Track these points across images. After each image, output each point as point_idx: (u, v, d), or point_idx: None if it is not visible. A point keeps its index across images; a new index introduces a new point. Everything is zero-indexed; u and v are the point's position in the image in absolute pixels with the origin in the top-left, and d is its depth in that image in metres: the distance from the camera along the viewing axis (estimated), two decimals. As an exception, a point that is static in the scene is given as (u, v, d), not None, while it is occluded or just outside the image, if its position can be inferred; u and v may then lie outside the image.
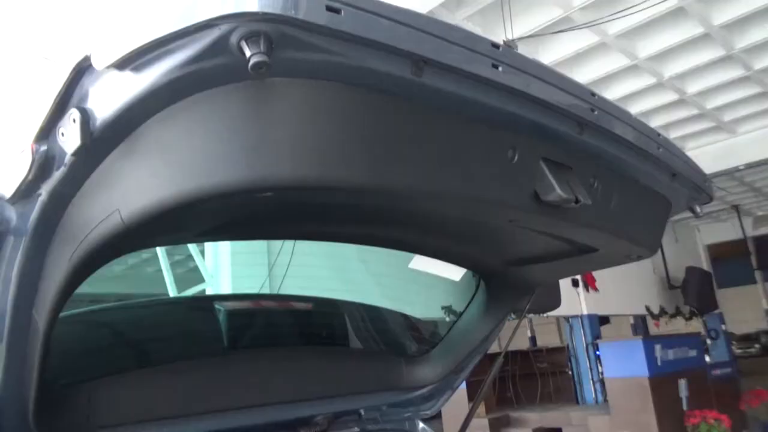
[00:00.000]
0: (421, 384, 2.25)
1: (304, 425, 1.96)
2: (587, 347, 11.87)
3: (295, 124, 0.87)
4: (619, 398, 9.14)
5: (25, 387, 1.24)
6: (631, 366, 9.03)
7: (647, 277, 14.57)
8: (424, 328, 2.38)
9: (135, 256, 12.71)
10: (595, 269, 1.96)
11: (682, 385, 9.29)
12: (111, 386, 1.55)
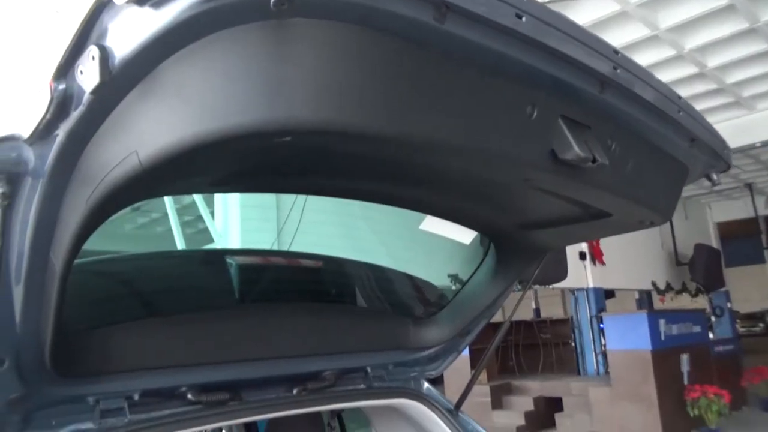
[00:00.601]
0: (427, 345, 2.27)
1: (312, 380, 1.99)
2: (591, 320, 11.94)
3: (316, 66, 0.86)
4: (620, 370, 9.23)
5: (42, 329, 1.26)
6: (634, 339, 9.09)
7: (655, 253, 14.54)
8: (432, 291, 2.40)
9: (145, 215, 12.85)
10: (607, 235, 1.95)
11: (684, 359, 9.36)
12: (125, 333, 1.58)
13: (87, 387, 1.51)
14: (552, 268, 2.60)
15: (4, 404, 1.36)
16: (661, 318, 9.45)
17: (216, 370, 1.74)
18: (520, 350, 13.09)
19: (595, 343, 11.83)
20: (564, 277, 2.58)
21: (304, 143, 0.99)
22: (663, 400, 8.75)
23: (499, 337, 2.35)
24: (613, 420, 9.09)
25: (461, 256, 2.32)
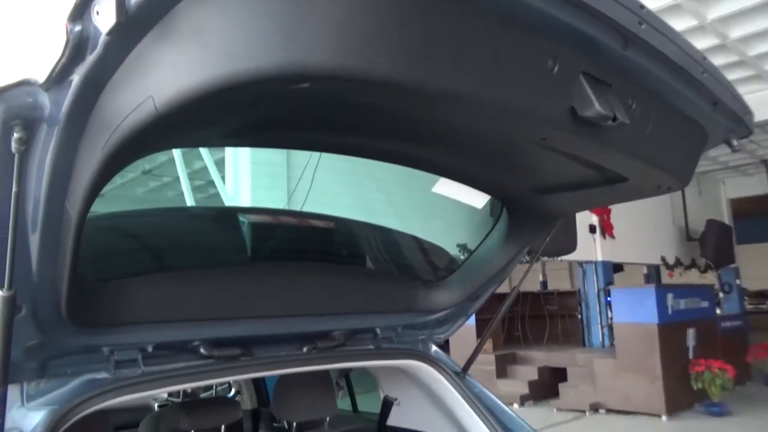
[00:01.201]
0: (436, 308, 2.28)
1: (322, 339, 2.02)
2: (599, 293, 11.96)
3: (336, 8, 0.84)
4: (626, 343, 9.29)
5: (58, 278, 1.28)
6: (641, 312, 9.12)
7: (665, 228, 14.46)
8: (443, 255, 2.40)
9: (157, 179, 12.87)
10: (622, 201, 1.92)
11: (690, 334, 9.40)
12: (139, 286, 1.60)
13: (102, 338, 1.53)
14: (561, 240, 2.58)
15: (22, 351, 1.38)
16: (669, 292, 9.46)
17: (228, 326, 1.76)
18: (526, 321, 13.17)
19: (602, 315, 11.87)
20: (573, 249, 2.56)
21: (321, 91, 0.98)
22: (667, 373, 8.82)
23: (505, 306, 2.36)
24: (616, 391, 9.19)
25: (473, 221, 2.32)
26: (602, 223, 12.18)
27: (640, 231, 13.19)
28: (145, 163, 12.49)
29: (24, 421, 1.37)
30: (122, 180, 12.57)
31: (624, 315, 9.44)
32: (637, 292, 9.66)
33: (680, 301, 9.56)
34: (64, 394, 1.47)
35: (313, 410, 2.51)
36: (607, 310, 11.66)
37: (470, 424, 2.23)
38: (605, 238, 12.21)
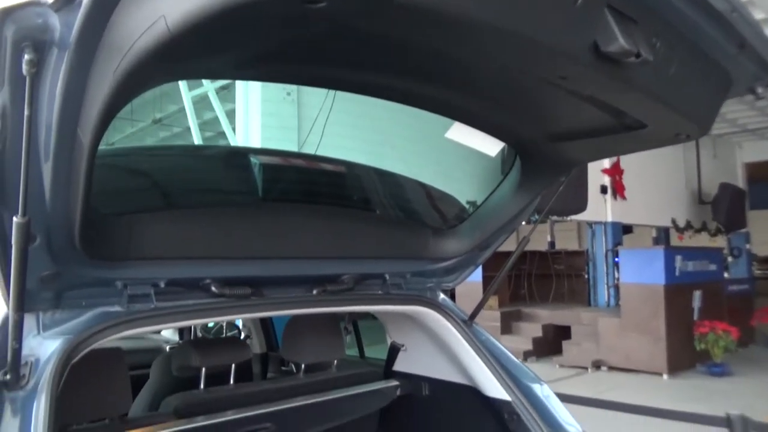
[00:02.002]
0: (446, 256, 2.29)
1: (331, 282, 2.04)
2: (607, 253, 11.97)
3: None
4: (631, 303, 9.35)
5: (71, 208, 1.28)
6: (648, 273, 9.14)
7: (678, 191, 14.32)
8: (453, 203, 2.39)
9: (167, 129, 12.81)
10: (639, 149, 1.88)
11: (697, 296, 9.43)
12: (151, 221, 1.61)
13: (115, 271, 1.55)
14: (572, 199, 2.55)
15: (37, 280, 1.40)
16: (677, 254, 9.45)
17: (238, 266, 1.78)
18: (532, 280, 13.27)
19: (608, 276, 11.92)
20: (584, 209, 2.54)
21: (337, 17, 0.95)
22: (671, 334, 8.90)
23: (514, 257, 2.36)
24: (619, 350, 9.30)
25: (485, 170, 2.30)
26: (614, 183, 12.08)
27: (652, 193, 13.08)
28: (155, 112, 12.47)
29: (40, 349, 1.40)
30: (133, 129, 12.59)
31: (631, 275, 9.47)
32: (645, 253, 9.66)
33: (688, 263, 9.56)
34: (79, 324, 1.49)
35: (321, 353, 2.56)
36: (614, 270, 11.69)
37: (476, 371, 2.27)
38: (616, 199, 12.12)
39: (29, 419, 1.26)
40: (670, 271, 9.11)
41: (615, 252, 11.66)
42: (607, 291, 11.93)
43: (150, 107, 12.49)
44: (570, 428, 2.09)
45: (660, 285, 9.01)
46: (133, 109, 12.50)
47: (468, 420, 2.45)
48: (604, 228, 12.12)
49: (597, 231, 12.25)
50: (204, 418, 2.09)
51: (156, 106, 12.20)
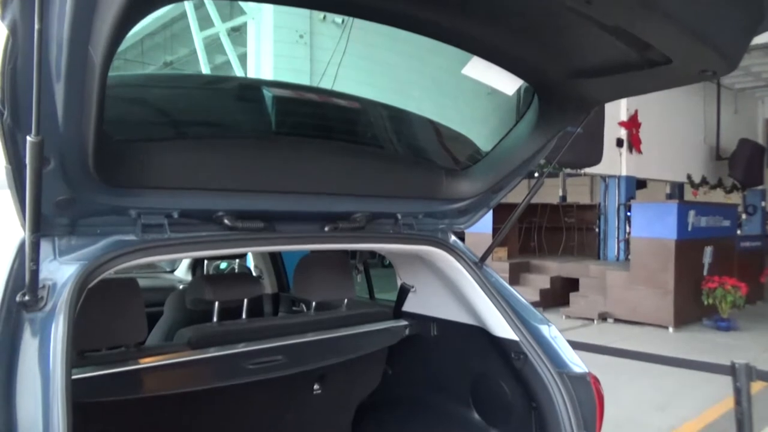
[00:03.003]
0: (459, 197, 2.27)
1: (343, 219, 2.04)
2: (619, 207, 11.91)
3: None
4: (641, 257, 9.35)
5: (84, 130, 1.28)
6: (660, 228, 9.10)
7: (695, 146, 14.09)
8: (468, 144, 2.35)
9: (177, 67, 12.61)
10: (662, 87, 1.82)
11: (708, 251, 9.41)
12: (164, 150, 1.60)
13: (129, 199, 1.56)
14: (587, 152, 2.51)
15: (52, 205, 1.41)
16: (691, 209, 9.37)
17: (251, 199, 1.78)
18: (542, 232, 13.27)
19: (620, 230, 11.90)
20: (598, 162, 2.50)
21: None
22: (679, 288, 8.94)
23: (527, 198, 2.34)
24: (626, 302, 9.38)
25: (502, 109, 2.25)
26: (630, 137, 11.90)
27: (669, 147, 12.88)
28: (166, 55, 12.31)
29: (57, 274, 1.43)
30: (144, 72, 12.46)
31: (642, 230, 9.44)
32: (658, 207, 9.59)
33: (702, 218, 9.50)
34: (94, 251, 1.51)
35: (332, 291, 2.59)
36: (626, 224, 11.66)
37: (485, 311, 2.29)
38: (631, 152, 11.97)
39: (48, 339, 1.29)
40: (682, 226, 9.06)
41: (627, 206, 11.60)
42: (617, 245, 11.94)
43: (161, 50, 12.34)
44: (576, 368, 2.12)
45: (671, 240, 8.98)
46: (144, 51, 12.37)
47: (475, 359, 2.50)
48: (618, 182, 12.01)
49: (610, 185, 12.15)
50: (217, 349, 2.15)
51: (167, 48, 12.04)
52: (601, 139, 2.70)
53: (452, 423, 2.59)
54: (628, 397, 5.36)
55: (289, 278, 4.01)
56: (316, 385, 2.81)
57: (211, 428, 2.52)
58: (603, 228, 12.22)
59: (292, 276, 2.75)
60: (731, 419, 4.21)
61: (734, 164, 13.36)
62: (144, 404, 2.22)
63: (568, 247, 13.20)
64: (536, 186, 2.27)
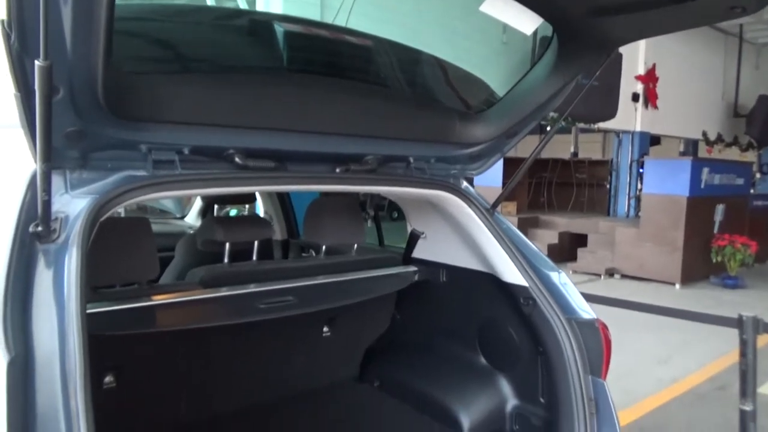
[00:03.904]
0: (472, 141, 2.24)
1: (355, 161, 2.01)
2: (631, 164, 11.78)
3: None
4: (651, 213, 9.30)
5: (92, 59, 1.25)
6: (672, 184, 9.01)
7: (713, 102, 13.79)
8: (483, 87, 2.30)
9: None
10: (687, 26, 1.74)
11: (719, 209, 9.33)
12: (174, 83, 1.57)
13: (139, 133, 1.54)
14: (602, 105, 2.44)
15: (63, 137, 1.40)
16: (705, 166, 9.25)
17: (262, 137, 1.75)
18: (552, 188, 13.19)
19: (631, 186, 11.81)
20: (613, 116, 2.44)
21: None
22: (688, 245, 8.91)
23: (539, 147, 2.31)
24: (634, 259, 9.39)
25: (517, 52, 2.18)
26: (647, 91, 11.66)
27: (685, 103, 12.62)
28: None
29: (69, 207, 1.42)
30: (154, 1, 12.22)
31: (654, 186, 9.35)
32: (672, 164, 9.46)
33: (715, 176, 9.38)
34: (105, 185, 1.51)
35: (342, 235, 2.59)
36: (637, 181, 11.56)
37: (495, 258, 2.29)
38: (647, 107, 11.75)
39: (62, 271, 1.30)
40: (695, 183, 8.96)
41: (640, 162, 11.46)
42: (628, 202, 11.87)
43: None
44: (584, 314, 2.12)
45: (683, 197, 8.90)
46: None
47: (483, 305, 2.51)
48: (631, 138, 11.84)
49: (624, 140, 11.99)
50: (228, 289, 2.17)
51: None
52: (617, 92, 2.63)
53: (459, 367, 2.63)
54: (632, 350, 5.43)
55: (299, 225, 4.03)
56: (326, 328, 2.86)
57: (223, 368, 2.58)
58: (614, 184, 12.12)
59: (302, 222, 2.75)
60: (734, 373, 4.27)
61: (752, 121, 13.09)
62: (156, 341, 2.26)
63: (578, 203, 13.14)
64: (549, 135, 2.23)
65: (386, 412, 2.70)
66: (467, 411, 2.47)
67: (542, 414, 2.29)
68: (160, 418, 2.42)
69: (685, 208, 8.87)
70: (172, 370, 2.43)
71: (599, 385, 2.01)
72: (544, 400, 2.29)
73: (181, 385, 2.47)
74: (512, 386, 2.47)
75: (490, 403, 2.48)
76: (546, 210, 12.70)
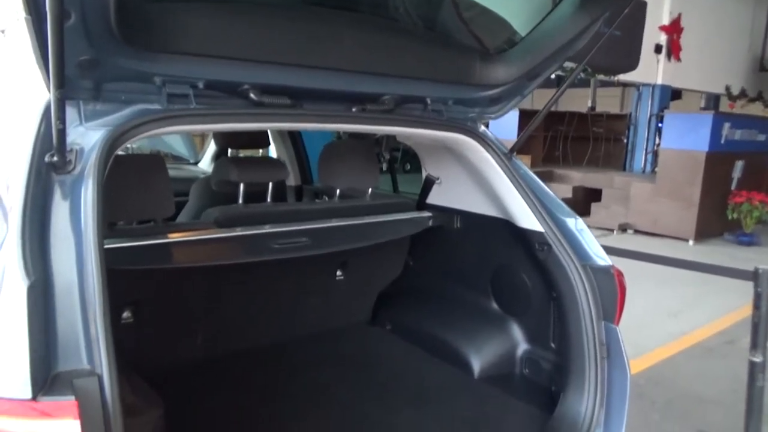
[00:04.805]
0: (492, 83, 2.18)
1: (371, 101, 1.97)
2: (650, 118, 11.53)
3: None
4: (668, 169, 9.15)
5: None
6: (691, 139, 8.82)
7: (738, 55, 13.34)
8: (504, 26, 2.21)
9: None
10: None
11: (738, 165, 9.16)
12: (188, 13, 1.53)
13: (153, 65, 1.51)
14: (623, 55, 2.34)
15: (75, 65, 1.38)
16: (726, 121, 9.02)
17: (278, 72, 1.72)
18: (568, 142, 12.97)
19: (649, 141, 11.60)
20: (634, 67, 2.35)
21: None
22: (704, 202, 8.80)
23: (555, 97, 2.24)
24: (648, 214, 9.30)
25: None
26: (670, 43, 11.28)
27: (710, 56, 12.22)
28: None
29: (84, 139, 1.41)
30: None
31: (673, 141, 9.16)
32: (692, 118, 9.23)
33: (736, 131, 9.16)
34: (120, 117, 1.49)
35: (357, 179, 2.58)
36: (656, 136, 11.34)
37: (511, 203, 2.27)
38: (670, 60, 11.40)
39: (79, 202, 1.29)
40: (715, 138, 8.77)
41: (659, 117, 11.21)
42: (645, 157, 11.68)
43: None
44: (600, 261, 2.11)
45: (702, 152, 8.73)
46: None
47: (497, 251, 2.51)
48: (652, 91, 11.54)
49: (644, 93, 11.69)
50: (242, 229, 2.18)
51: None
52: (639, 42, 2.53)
53: (471, 312, 2.65)
54: (642, 304, 5.44)
55: (313, 171, 4.01)
56: (339, 272, 2.88)
57: (238, 308, 2.62)
58: (632, 139, 11.90)
59: (317, 166, 2.72)
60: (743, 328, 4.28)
61: (778, 76, 12.69)
62: (172, 279, 2.29)
63: (593, 157, 12.94)
64: (568, 82, 2.15)
65: (397, 354, 2.75)
66: (478, 354, 2.50)
67: (552, 358, 2.32)
68: (176, 355, 2.48)
69: (703, 164, 8.71)
70: (188, 309, 2.47)
71: (612, 331, 2.02)
72: (555, 345, 2.31)
73: (197, 324, 2.52)
74: (523, 331, 2.50)
75: (501, 347, 2.51)
76: (561, 164, 12.53)
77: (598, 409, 1.95)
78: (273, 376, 2.48)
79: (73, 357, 1.10)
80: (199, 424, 2.09)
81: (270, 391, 2.36)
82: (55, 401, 1.01)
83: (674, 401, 3.73)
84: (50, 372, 1.06)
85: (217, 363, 2.51)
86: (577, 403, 1.99)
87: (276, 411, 2.21)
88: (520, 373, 2.47)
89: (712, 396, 3.83)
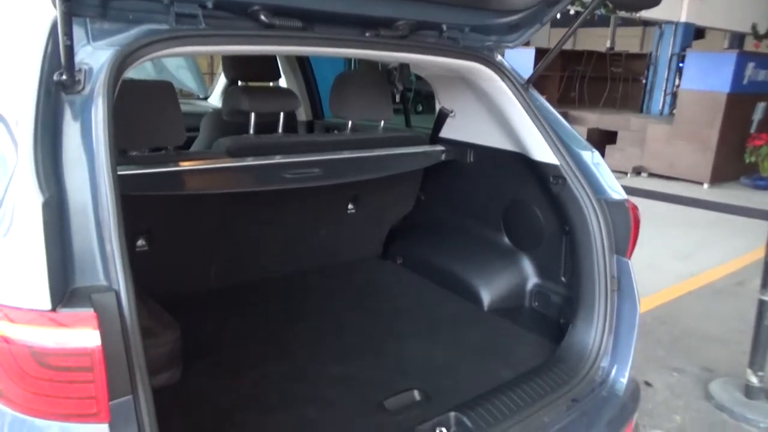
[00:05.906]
0: (510, 8, 2.09)
1: (385, 26, 1.91)
2: (671, 57, 11.16)
3: None
4: (687, 111, 8.93)
5: None
6: (713, 80, 8.55)
7: (767, -8, 12.73)
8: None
9: None
10: None
11: (760, 107, 8.92)
12: None
13: None
14: None
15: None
16: (750, 61, 8.71)
17: None
18: (585, 82, 12.65)
19: (668, 82, 11.27)
20: (657, 3, 2.23)
21: None
22: (721, 145, 8.63)
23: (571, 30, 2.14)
24: (663, 157, 9.16)
25: None
26: (697, -23, 10.78)
27: (738, -9, 11.68)
28: None
29: (92, 58, 1.38)
30: None
31: (693, 82, 8.89)
32: (715, 57, 8.91)
33: (760, 71, 8.85)
34: (127, 37, 1.45)
35: (369, 110, 2.53)
36: (676, 77, 11.01)
37: (526, 136, 2.23)
38: (695, -4, 10.92)
39: (89, 122, 1.28)
40: (737, 79, 8.49)
41: (681, 57, 10.84)
42: (663, 98, 11.39)
43: None
44: (615, 194, 2.08)
45: (723, 93, 8.48)
46: None
47: (511, 185, 2.49)
48: (674, 29, 11.12)
49: (666, 32, 11.27)
50: (254, 158, 2.16)
51: None
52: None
53: (482, 247, 2.66)
54: (654, 245, 5.43)
55: (324, 107, 3.95)
56: (350, 205, 2.88)
57: (250, 239, 2.64)
58: (651, 79, 11.56)
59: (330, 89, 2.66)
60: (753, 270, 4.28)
61: (808, 14, 12.13)
62: (184, 207, 2.30)
63: (610, 98, 12.64)
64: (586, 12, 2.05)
65: (408, 286, 2.78)
66: (488, 287, 2.53)
67: (562, 291, 2.33)
68: (190, 284, 2.52)
69: (723, 105, 8.48)
70: (201, 239, 2.49)
71: (623, 264, 2.01)
72: (566, 279, 2.31)
73: (210, 254, 2.55)
74: (534, 265, 2.50)
75: (511, 281, 2.53)
76: (577, 105, 12.27)
77: (606, 338, 1.97)
78: (285, 305, 2.53)
79: (90, 273, 1.11)
80: (213, 348, 2.15)
81: (282, 318, 2.41)
82: (74, 312, 1.03)
83: (680, 339, 3.78)
84: (68, 287, 1.07)
85: (230, 292, 2.56)
86: (585, 334, 2.01)
87: (288, 336, 2.26)
88: (530, 306, 2.50)
89: (718, 335, 3.87)
